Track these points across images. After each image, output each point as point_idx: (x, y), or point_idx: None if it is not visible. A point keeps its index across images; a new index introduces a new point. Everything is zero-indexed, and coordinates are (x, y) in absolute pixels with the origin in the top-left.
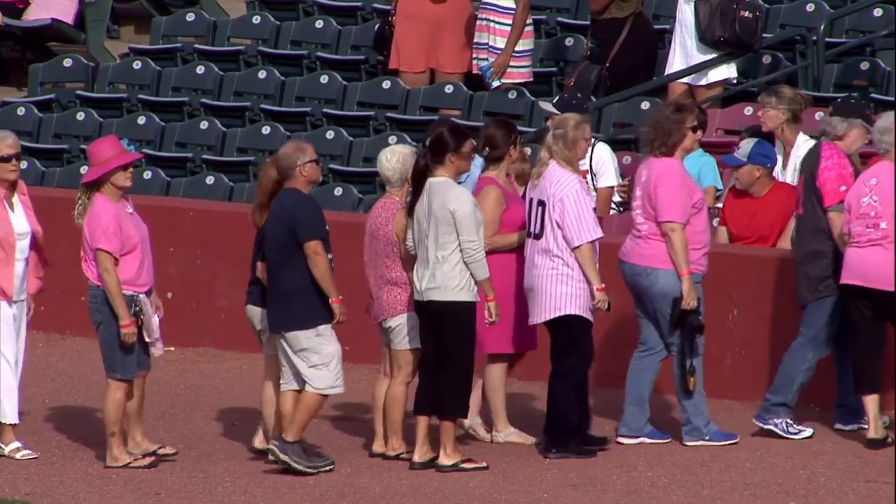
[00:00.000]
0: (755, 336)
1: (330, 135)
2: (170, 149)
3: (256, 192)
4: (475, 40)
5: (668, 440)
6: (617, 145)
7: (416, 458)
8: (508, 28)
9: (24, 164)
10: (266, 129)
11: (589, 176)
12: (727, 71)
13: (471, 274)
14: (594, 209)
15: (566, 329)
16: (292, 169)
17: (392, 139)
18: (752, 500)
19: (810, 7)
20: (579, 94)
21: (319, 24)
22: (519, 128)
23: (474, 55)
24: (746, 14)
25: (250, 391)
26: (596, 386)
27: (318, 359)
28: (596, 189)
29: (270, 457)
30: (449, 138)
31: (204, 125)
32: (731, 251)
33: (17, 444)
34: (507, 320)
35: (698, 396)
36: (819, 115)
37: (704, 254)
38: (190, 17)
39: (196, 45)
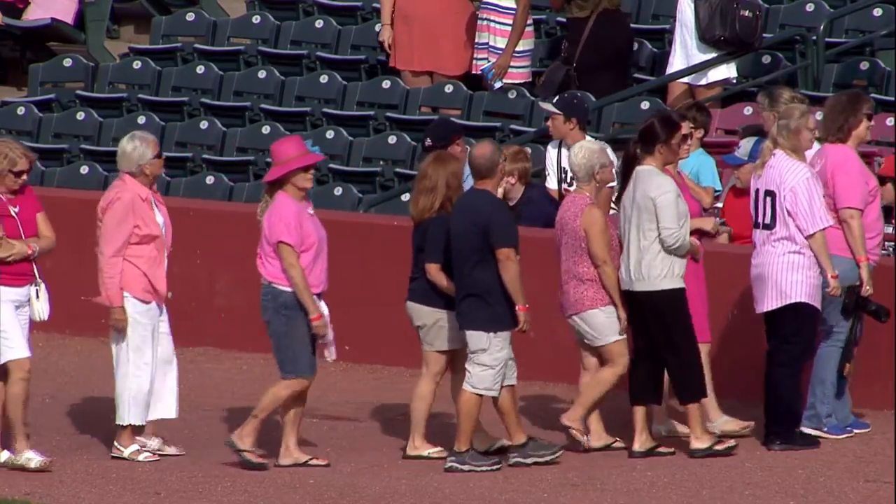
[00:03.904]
0: (755, 336)
1: (330, 134)
2: (170, 149)
3: (426, 189)
4: (476, 40)
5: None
6: (617, 145)
7: (637, 446)
8: (509, 28)
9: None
10: (266, 129)
11: None
12: (727, 71)
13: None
14: (823, 197)
15: (793, 317)
16: (495, 168)
17: (392, 139)
18: (752, 500)
19: (810, 7)
20: (579, 94)
21: (319, 23)
22: (519, 128)
23: (474, 55)
24: (746, 13)
25: (250, 390)
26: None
27: (489, 360)
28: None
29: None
30: (659, 129)
31: (204, 125)
32: (731, 251)
33: (135, 447)
34: (701, 310)
35: (829, 386)
36: (819, 114)
37: (878, 243)
38: (190, 17)
39: (196, 45)
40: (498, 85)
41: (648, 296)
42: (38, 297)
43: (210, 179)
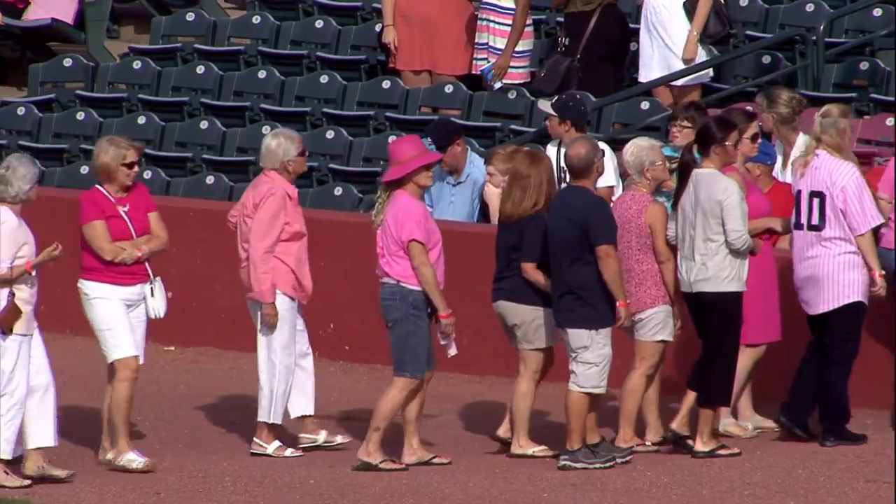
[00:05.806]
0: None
1: (330, 135)
2: (170, 149)
3: (529, 186)
4: (476, 40)
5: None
6: (617, 145)
7: (674, 424)
8: (508, 28)
9: None
10: (266, 129)
11: None
12: (706, 73)
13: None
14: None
15: (848, 315)
16: (591, 167)
17: (392, 139)
18: (752, 500)
19: (810, 7)
20: (578, 95)
21: (319, 24)
22: (519, 128)
23: (474, 55)
24: (722, 1)
25: (250, 390)
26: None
27: (592, 358)
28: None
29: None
30: (715, 130)
31: (204, 125)
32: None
33: (278, 444)
34: (756, 310)
35: None
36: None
37: None
38: (190, 17)
39: (196, 45)
40: (498, 85)
41: (714, 297)
42: (152, 294)
43: (210, 179)
